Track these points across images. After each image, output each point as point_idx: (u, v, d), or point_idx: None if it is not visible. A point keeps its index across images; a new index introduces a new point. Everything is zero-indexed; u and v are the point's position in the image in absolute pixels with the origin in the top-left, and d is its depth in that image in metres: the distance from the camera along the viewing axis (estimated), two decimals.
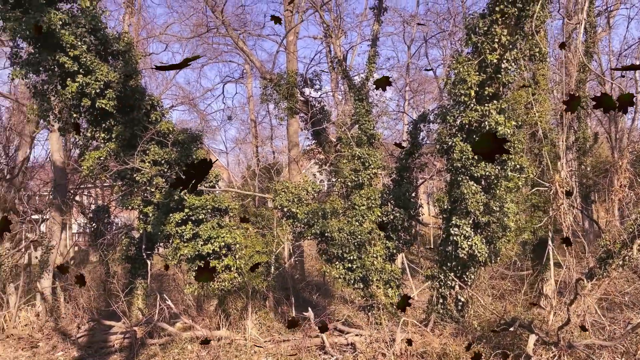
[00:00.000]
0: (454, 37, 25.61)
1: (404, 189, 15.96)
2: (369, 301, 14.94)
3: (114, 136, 13.60)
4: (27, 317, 16.78)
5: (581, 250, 19.01)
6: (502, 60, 12.11)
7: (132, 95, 13.58)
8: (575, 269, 14.08)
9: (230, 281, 14.90)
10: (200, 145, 15.35)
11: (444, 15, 26.55)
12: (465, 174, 13.05)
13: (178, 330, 15.20)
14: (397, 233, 15.91)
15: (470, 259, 13.41)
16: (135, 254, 17.20)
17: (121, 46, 13.58)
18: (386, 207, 15.75)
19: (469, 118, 12.66)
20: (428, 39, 25.88)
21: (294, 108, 20.07)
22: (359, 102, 15.89)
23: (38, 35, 11.95)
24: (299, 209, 14.46)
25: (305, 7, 23.32)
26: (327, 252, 14.82)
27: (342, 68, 16.65)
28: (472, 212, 13.04)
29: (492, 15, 11.87)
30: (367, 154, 15.36)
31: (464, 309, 14.02)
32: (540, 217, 18.27)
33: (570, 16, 20.57)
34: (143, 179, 13.70)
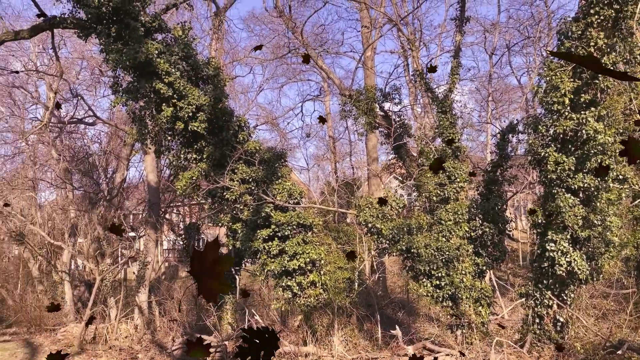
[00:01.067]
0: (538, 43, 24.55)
1: (493, 202, 15.36)
2: (458, 320, 14.42)
3: (204, 157, 14.22)
4: (127, 329, 17.81)
5: None
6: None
7: (221, 117, 14.16)
8: None
9: (315, 297, 14.99)
10: (284, 162, 15.69)
11: (527, 21, 25.57)
12: (561, 186, 12.36)
13: None
14: (487, 249, 15.30)
15: (570, 277, 12.60)
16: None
17: (210, 71, 14.25)
18: (474, 222, 15.22)
19: (563, 127, 12.01)
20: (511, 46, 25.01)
21: (373, 123, 20.05)
22: (442, 115, 15.57)
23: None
24: (384, 225, 14.32)
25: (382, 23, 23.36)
26: (414, 269, 14.52)
27: (423, 81, 16.44)
28: (569, 227, 12.29)
29: (586, 19, 11.26)
30: (453, 167, 14.98)
31: (563, 329, 13.15)
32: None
33: None
34: (232, 196, 14.19)
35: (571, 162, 12.09)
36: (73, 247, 22.47)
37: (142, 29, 12.89)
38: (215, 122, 14.03)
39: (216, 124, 14.09)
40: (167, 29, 13.72)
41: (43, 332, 20.09)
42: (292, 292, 14.95)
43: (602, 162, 11.98)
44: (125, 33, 12.92)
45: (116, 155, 24.29)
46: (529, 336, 13.10)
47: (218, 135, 14.19)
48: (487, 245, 15.37)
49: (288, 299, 15.15)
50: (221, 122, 14.18)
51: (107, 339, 17.40)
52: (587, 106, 11.85)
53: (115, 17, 12.61)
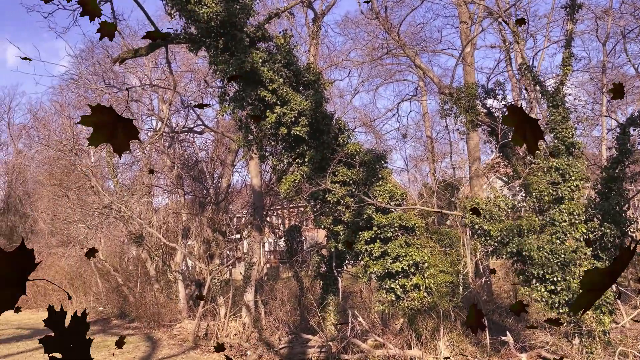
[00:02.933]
0: None
1: (614, 202, 14.15)
2: (576, 328, 13.44)
3: (306, 160, 14.54)
4: (236, 327, 18.66)
5: None
6: None
7: (322, 121, 14.41)
8: None
9: (419, 300, 14.72)
10: (384, 164, 15.62)
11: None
12: None
13: (370, 347, 15.44)
14: (607, 252, 14.12)
15: None
16: (326, 271, 18.04)
17: (311, 76, 14.56)
18: (592, 223, 14.12)
19: None
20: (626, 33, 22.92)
21: (475, 121, 19.35)
22: (554, 109, 14.63)
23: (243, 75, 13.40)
24: (492, 226, 13.73)
25: (482, 17, 22.49)
26: (525, 273, 13.77)
27: (531, 74, 15.56)
28: None
29: None
30: (567, 164, 14.02)
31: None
32: None
33: None
34: (333, 199, 14.36)
35: None
36: (185, 248, 24.02)
37: (247, 39, 13.48)
38: (316, 126, 14.30)
39: (317, 127, 14.36)
40: (270, 37, 14.23)
41: (160, 327, 21.65)
42: (395, 295, 14.81)
43: None
44: (231, 44, 13.59)
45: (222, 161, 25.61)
46: None
47: (319, 139, 14.45)
48: (608, 247, 14.20)
49: (391, 301, 15.02)
50: (322, 126, 14.43)
51: (217, 335, 18.34)
52: None
53: (223, 29, 13.30)
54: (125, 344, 12.40)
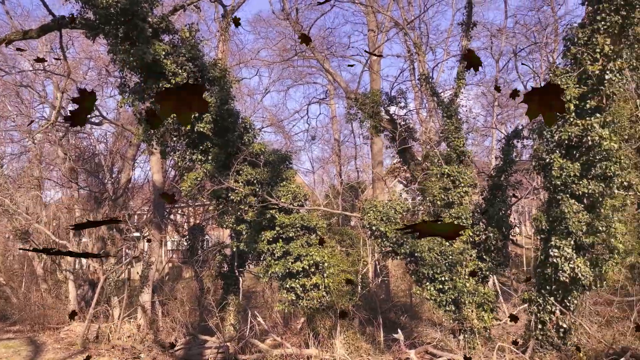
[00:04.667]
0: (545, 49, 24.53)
1: (497, 207, 15.35)
2: (461, 324, 14.41)
3: (210, 158, 14.29)
4: (130, 329, 17.87)
5: None
6: (605, 71, 11.41)
7: (227, 118, 14.24)
8: None
9: (318, 299, 15.00)
10: (289, 165, 15.75)
11: (534, 27, 25.54)
12: (566, 192, 12.35)
13: (268, 347, 15.48)
14: (490, 254, 15.28)
15: (573, 283, 12.57)
16: (227, 271, 17.83)
17: (216, 73, 14.33)
18: (478, 227, 15.22)
19: (568, 133, 12.01)
20: (517, 52, 24.98)
21: (378, 126, 20.06)
22: (447, 119, 15.58)
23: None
24: (388, 228, 14.33)
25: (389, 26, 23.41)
26: (417, 273, 14.53)
27: (429, 85, 16.46)
28: (573, 233, 12.27)
29: (593, 25, 11.26)
30: (457, 171, 14.98)
31: (566, 336, 13.11)
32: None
33: None
34: (236, 198, 14.24)
35: (576, 168, 12.08)
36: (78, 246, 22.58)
37: (150, 30, 12.97)
38: (221, 123, 14.10)
39: (222, 125, 14.16)
40: (175, 30, 13.81)
41: (46, 330, 20.18)
42: (295, 294, 14.97)
43: (607, 169, 11.96)
44: (133, 34, 13.00)
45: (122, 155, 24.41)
46: (531, 342, 13.07)
47: (223, 137, 14.26)
48: (491, 250, 15.36)
49: (291, 300, 15.17)
50: (227, 124, 14.25)
51: (109, 338, 17.46)
52: (592, 112, 11.84)
53: (123, 17, 12.69)
54: (4, 349, 11.42)
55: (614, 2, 10.87)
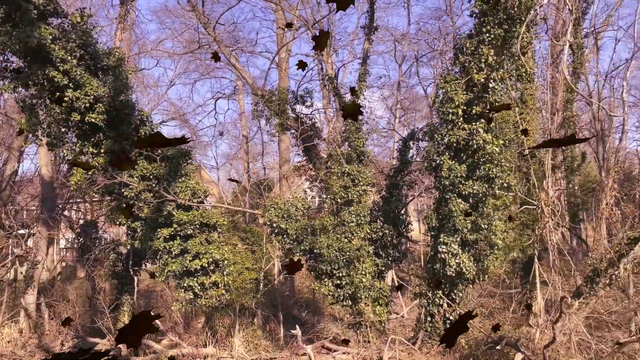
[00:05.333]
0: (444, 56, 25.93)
1: (393, 205, 16.01)
2: (358, 319, 14.86)
3: (102, 151, 13.56)
4: (11, 333, 16.51)
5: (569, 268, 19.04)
6: (489, 80, 12.27)
7: (122, 109, 13.58)
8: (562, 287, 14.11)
9: (217, 298, 14.77)
10: (189, 160, 15.35)
11: (435, 34, 26.95)
12: (453, 191, 13.12)
13: (164, 347, 15.01)
14: (386, 250, 15.90)
15: (458, 277, 13.41)
16: (122, 270, 17.04)
17: (111, 61, 13.62)
18: (375, 224, 15.77)
19: (456, 136, 12.77)
20: (419, 57, 26.22)
21: (285, 124, 20.12)
22: (349, 120, 15.97)
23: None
24: (288, 225, 14.44)
25: (297, 25, 23.56)
26: (316, 269, 14.77)
27: (332, 85, 16.78)
28: (460, 230, 13.08)
29: (478, 36, 12.06)
30: (357, 171, 15.41)
31: None
32: (529, 235, 18.33)
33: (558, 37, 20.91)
34: (131, 193, 13.64)
35: (463, 169, 12.88)
36: None
37: (35, 11, 12.04)
38: (114, 114, 13.41)
39: (116, 116, 13.48)
40: (64, 14, 12.93)
41: None
42: (193, 293, 14.63)
43: (490, 171, 12.88)
44: (15, 15, 12.01)
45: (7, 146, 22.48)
46: (421, 333, 13.78)
47: (117, 129, 13.59)
48: (387, 246, 15.99)
49: (190, 300, 14.80)
50: (121, 115, 13.59)
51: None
52: (477, 118, 12.68)
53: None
54: None
55: (497, 16, 11.72)
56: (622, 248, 13.16)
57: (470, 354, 12.60)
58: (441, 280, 13.67)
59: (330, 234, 14.95)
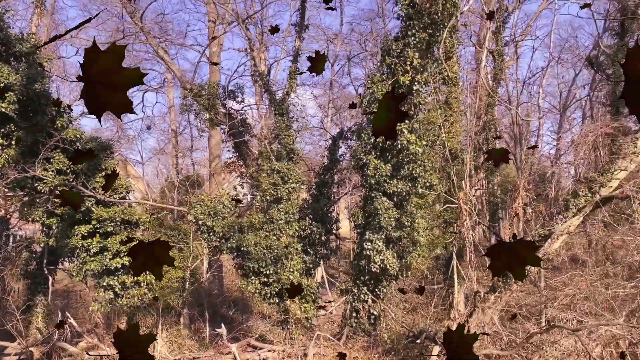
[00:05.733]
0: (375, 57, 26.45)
1: (322, 203, 16.14)
2: (284, 316, 14.87)
3: (13, 142, 12.71)
4: None
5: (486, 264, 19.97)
6: (413, 82, 12.64)
7: (36, 99, 12.79)
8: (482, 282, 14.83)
9: (140, 297, 14.28)
10: (111, 154, 14.72)
11: (367, 35, 27.42)
12: (379, 190, 13.42)
13: (81, 350, 14.32)
14: (315, 247, 16.01)
15: (382, 273, 13.74)
16: (35, 269, 16.08)
17: (25, 48, 12.80)
18: (304, 222, 15.83)
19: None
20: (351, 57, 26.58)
21: (214, 120, 19.76)
22: (279, 117, 15.94)
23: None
24: (215, 223, 14.20)
25: (229, 19, 23.19)
26: (243, 267, 14.63)
27: (263, 82, 16.67)
28: (384, 227, 13.40)
29: (404, 39, 12.39)
30: (287, 168, 15.40)
31: (376, 322, 14.30)
32: (452, 232, 19.10)
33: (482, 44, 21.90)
34: (45, 188, 12.89)
35: (388, 168, 13.20)
36: None
37: None
38: (28, 104, 12.61)
39: (29, 106, 12.68)
40: None
41: None
42: (113, 292, 14.06)
43: (413, 170, 13.29)
44: None
45: None
46: (346, 329, 14.00)
47: (31, 119, 12.78)
48: (316, 243, 16.11)
49: (110, 299, 14.21)
50: (35, 105, 12.80)
51: None
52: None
53: None
54: None
55: (422, 21, 12.09)
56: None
57: (392, 348, 12.96)
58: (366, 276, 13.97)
59: (259, 232, 14.86)
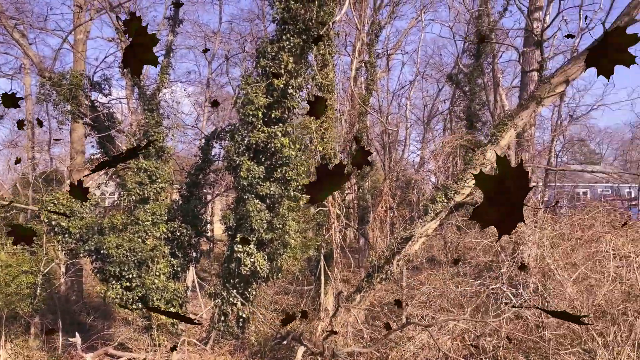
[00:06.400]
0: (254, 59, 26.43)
1: (193, 204, 15.67)
2: (147, 322, 14.18)
3: None
4: None
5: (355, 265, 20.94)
6: (288, 86, 12.80)
7: None
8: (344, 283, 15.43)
9: None
10: None
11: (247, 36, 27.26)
12: (252, 192, 13.37)
13: None
14: (184, 250, 15.49)
15: (253, 276, 13.71)
16: None
17: None
18: (173, 223, 15.24)
19: (256, 138, 13.04)
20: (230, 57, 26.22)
21: (77, 112, 18.28)
22: (149, 113, 15.19)
23: None
24: (71, 223, 13.11)
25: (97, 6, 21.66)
26: (103, 271, 13.68)
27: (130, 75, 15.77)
28: (256, 230, 13.37)
29: (279, 43, 12.51)
30: (155, 167, 14.72)
31: (245, 325, 14.21)
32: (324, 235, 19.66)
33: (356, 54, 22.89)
34: None
35: (261, 171, 13.21)
36: None
37: None
38: None
39: None
40: None
41: None
42: None
43: (286, 174, 13.45)
44: None
45: None
46: (213, 333, 13.73)
47: None
48: (185, 246, 15.59)
49: None
50: None
51: None
52: (276, 122, 13.13)
53: None
54: None
55: (297, 26, 12.30)
56: (395, 247, 14.90)
57: (259, 351, 12.96)
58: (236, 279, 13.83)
59: (122, 233, 14.00)
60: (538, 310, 11.68)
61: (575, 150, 46.96)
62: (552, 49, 20.43)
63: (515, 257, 14.23)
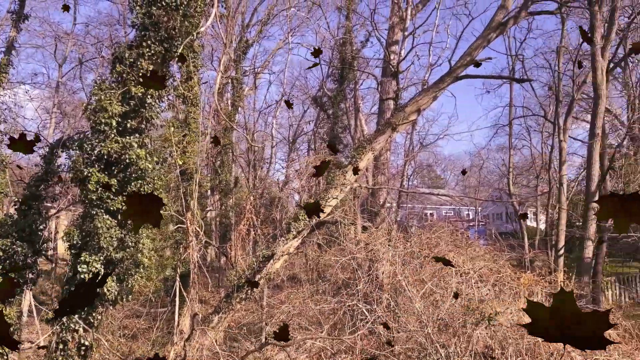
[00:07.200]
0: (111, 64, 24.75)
1: (31, 220, 13.97)
2: None
3: None
4: None
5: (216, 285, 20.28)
6: (146, 95, 12.09)
7: None
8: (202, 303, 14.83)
9: None
10: None
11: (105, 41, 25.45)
12: (101, 207, 12.30)
13: None
14: (20, 272, 13.68)
15: (98, 298, 12.52)
16: None
17: None
18: (6, 241, 13.42)
19: (108, 149, 12.08)
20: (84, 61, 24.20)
21: None
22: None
23: None
24: None
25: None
26: None
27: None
28: (104, 248, 12.29)
29: (139, 49, 11.81)
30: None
31: (87, 352, 12.88)
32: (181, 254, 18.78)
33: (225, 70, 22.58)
34: None
35: (113, 184, 12.22)
36: None
37: None
38: None
39: None
40: None
41: None
42: None
43: (142, 187, 12.60)
44: None
45: None
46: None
47: None
48: (20, 266, 13.80)
49: None
50: None
51: None
52: (132, 132, 12.30)
53: None
54: None
55: (159, 33, 11.72)
56: (258, 265, 14.70)
57: None
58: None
59: None
60: (389, 326, 12.26)
61: (424, 175, 51.27)
62: (407, 80, 22.14)
63: (370, 274, 14.86)
